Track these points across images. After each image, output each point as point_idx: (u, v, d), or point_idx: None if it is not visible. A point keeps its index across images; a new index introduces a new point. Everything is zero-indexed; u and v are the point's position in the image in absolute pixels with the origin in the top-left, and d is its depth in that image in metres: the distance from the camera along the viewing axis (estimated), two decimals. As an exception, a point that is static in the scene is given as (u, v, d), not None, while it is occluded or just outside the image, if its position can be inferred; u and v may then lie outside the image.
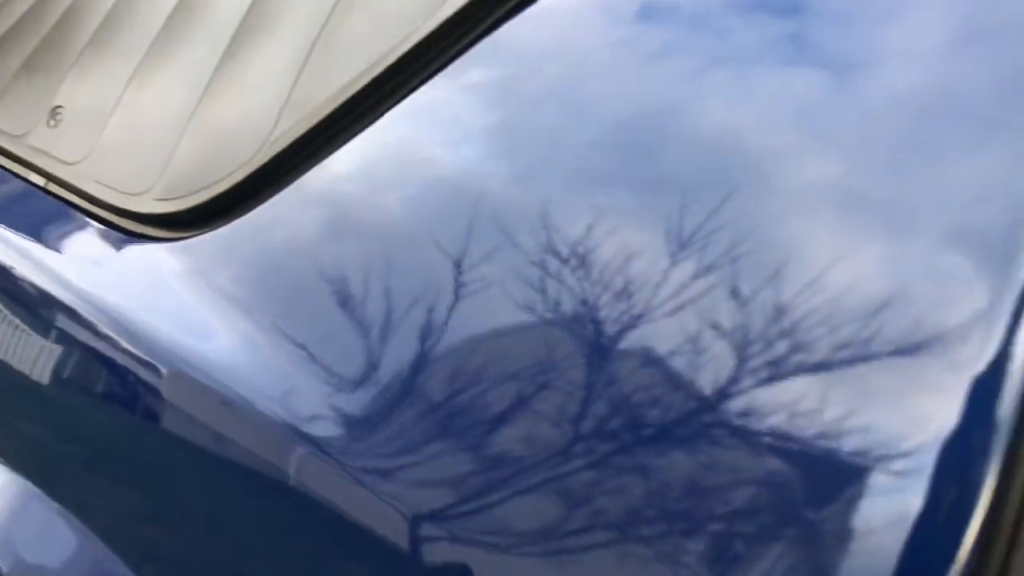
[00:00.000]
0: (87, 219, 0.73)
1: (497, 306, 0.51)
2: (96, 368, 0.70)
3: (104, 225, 0.71)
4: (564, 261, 0.51)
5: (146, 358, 0.64)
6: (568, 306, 0.49)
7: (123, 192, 0.71)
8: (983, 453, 0.38)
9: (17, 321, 0.75)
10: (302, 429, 0.56)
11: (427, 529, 0.50)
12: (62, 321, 0.71)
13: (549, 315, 0.49)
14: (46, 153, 0.78)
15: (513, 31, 0.59)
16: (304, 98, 0.66)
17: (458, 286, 0.54)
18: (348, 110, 0.63)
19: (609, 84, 0.55)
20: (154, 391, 0.64)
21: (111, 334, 0.66)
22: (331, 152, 0.63)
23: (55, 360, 0.71)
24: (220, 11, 0.74)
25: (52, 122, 0.82)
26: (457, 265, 0.54)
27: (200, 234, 0.67)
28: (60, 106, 0.82)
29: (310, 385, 0.57)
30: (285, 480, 0.56)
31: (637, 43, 0.56)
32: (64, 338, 0.70)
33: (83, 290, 0.69)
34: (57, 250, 0.74)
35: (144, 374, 0.65)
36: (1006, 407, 0.38)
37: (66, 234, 0.75)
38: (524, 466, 0.47)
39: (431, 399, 0.52)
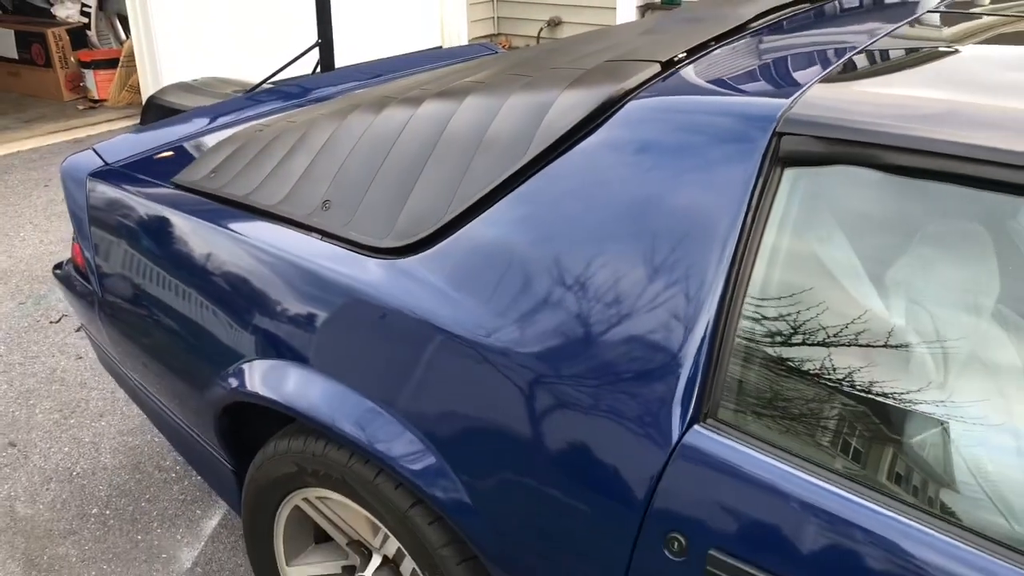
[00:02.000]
0: (358, 250, 1.45)
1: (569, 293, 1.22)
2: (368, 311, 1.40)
3: (366, 252, 1.44)
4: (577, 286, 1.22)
5: (398, 307, 1.36)
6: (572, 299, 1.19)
7: (371, 239, 1.44)
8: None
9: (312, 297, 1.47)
10: (481, 340, 1.26)
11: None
12: (346, 294, 1.43)
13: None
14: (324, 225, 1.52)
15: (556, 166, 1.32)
16: (461, 195, 1.39)
17: (553, 278, 1.25)
18: (477, 206, 1.36)
19: (608, 191, 1.27)
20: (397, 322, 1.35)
21: (377, 297, 1.38)
22: (469, 221, 1.36)
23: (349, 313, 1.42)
24: (419, 142, 1.49)
25: (325, 208, 1.56)
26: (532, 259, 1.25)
27: (412, 253, 1.39)
28: (328, 200, 1.57)
29: (488, 319, 1.27)
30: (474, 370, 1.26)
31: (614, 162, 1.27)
32: (353, 298, 1.42)
33: (363, 280, 1.41)
34: (348, 262, 1.46)
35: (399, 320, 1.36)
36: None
37: (349, 258, 1.47)
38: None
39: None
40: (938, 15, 1.67)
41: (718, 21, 1.64)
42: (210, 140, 2.06)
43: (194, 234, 1.69)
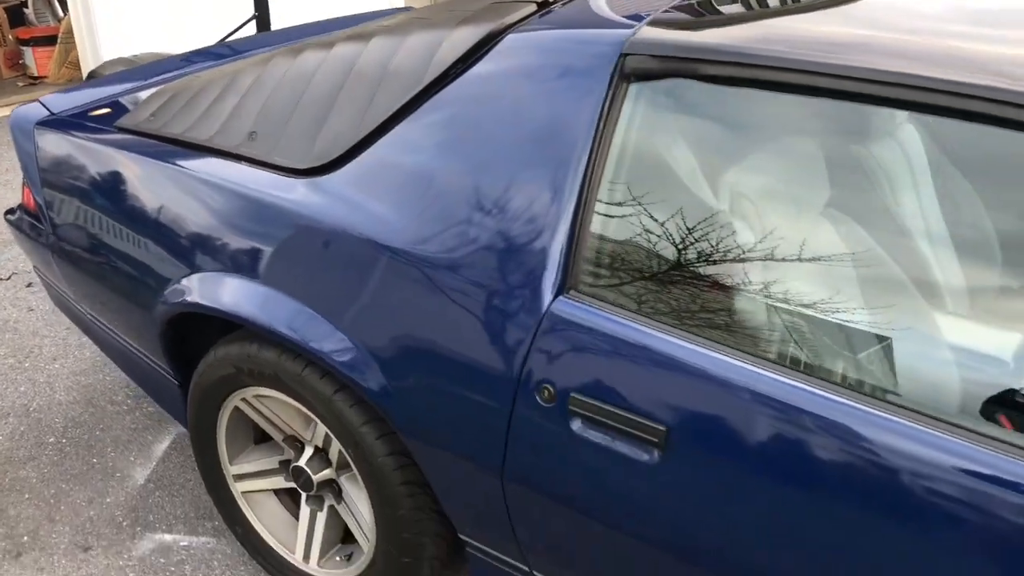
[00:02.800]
0: (280, 172, 1.66)
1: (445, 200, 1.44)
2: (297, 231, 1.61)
3: (287, 174, 1.65)
4: (487, 211, 1.44)
5: (316, 222, 1.57)
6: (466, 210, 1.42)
7: (293, 162, 1.65)
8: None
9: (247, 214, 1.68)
10: (381, 240, 1.48)
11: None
12: (272, 211, 1.64)
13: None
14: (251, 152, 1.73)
15: (452, 88, 1.54)
16: (367, 121, 1.60)
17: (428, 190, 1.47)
18: (380, 129, 1.57)
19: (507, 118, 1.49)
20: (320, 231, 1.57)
21: (298, 211, 1.59)
22: (374, 142, 1.57)
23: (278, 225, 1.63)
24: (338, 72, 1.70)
25: (251, 139, 1.76)
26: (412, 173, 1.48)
27: (331, 172, 1.60)
28: (254, 131, 1.77)
29: (397, 218, 1.49)
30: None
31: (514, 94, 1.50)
32: (280, 214, 1.63)
33: (286, 197, 1.62)
34: (272, 183, 1.66)
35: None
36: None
37: (273, 180, 1.67)
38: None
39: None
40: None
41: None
42: (144, 94, 2.24)
43: (138, 169, 1.88)
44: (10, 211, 2.33)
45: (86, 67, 5.66)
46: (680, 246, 1.34)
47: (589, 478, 1.35)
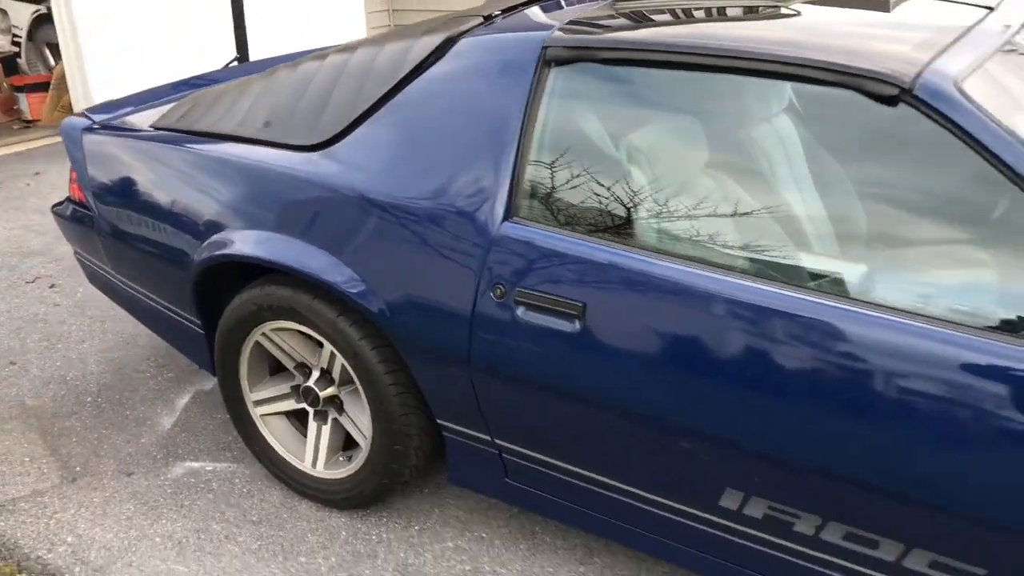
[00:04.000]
0: (291, 149, 2.15)
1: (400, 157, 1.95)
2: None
3: (296, 150, 2.14)
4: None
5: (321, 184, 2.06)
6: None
7: (300, 141, 2.14)
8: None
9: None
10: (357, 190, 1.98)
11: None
12: (286, 177, 2.12)
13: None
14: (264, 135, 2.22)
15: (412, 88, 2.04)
16: (356, 107, 2.10)
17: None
18: (366, 113, 2.07)
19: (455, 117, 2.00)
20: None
21: (306, 176, 2.08)
22: (362, 123, 2.07)
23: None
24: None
25: (267, 126, 2.25)
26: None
27: (330, 147, 2.10)
28: (269, 121, 2.26)
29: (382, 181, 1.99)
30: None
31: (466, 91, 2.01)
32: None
33: (296, 167, 2.11)
34: (285, 158, 2.15)
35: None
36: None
37: (285, 155, 2.16)
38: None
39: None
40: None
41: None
42: (162, 110, 2.72)
43: (177, 155, 2.36)
44: (57, 204, 2.79)
45: (78, 108, 6.12)
46: (590, 183, 1.85)
47: (532, 352, 1.84)
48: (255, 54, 4.96)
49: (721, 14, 1.99)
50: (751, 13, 2.00)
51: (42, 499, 2.46)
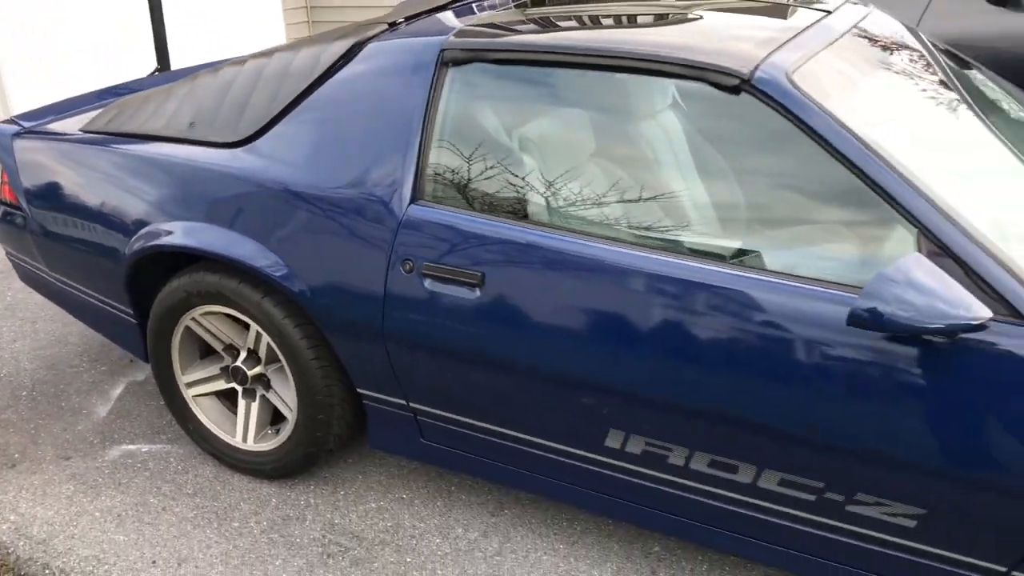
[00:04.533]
0: (214, 147, 2.34)
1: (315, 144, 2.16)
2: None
3: (219, 147, 2.32)
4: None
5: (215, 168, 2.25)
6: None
7: (223, 138, 2.33)
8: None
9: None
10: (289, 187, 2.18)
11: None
12: (210, 171, 2.31)
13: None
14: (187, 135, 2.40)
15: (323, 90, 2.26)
16: (272, 107, 2.30)
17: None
18: (282, 112, 2.28)
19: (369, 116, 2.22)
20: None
21: (228, 170, 2.27)
22: (279, 122, 2.27)
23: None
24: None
25: (191, 127, 2.43)
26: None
27: (247, 143, 2.29)
28: (193, 122, 2.44)
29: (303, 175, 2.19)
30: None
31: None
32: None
33: (219, 162, 2.29)
34: (209, 154, 2.33)
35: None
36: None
37: (209, 152, 2.34)
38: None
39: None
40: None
41: (430, 2, 2.62)
42: (89, 115, 2.86)
43: (106, 156, 2.52)
44: (-13, 207, 2.90)
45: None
46: (486, 168, 2.08)
47: (439, 319, 2.06)
48: (177, 63, 5.09)
49: (612, 20, 2.25)
50: (637, 18, 2.25)
51: (-17, 483, 2.59)
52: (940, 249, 1.64)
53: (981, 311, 1.52)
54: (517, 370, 2.01)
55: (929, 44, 2.44)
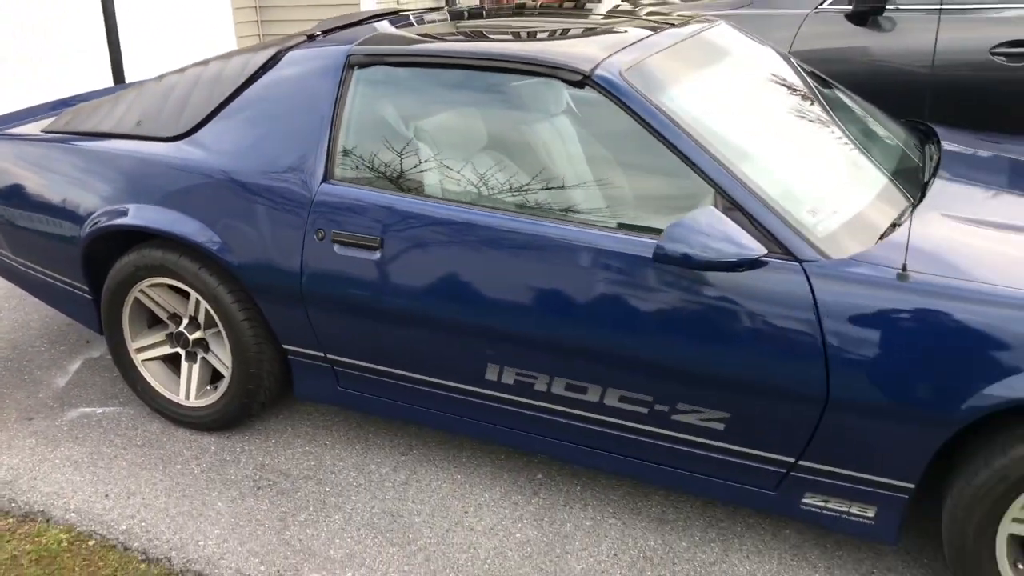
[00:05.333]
0: (158, 141, 2.72)
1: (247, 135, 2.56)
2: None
3: (163, 141, 2.71)
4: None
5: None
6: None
7: (165, 133, 2.72)
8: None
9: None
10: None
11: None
12: (156, 161, 2.69)
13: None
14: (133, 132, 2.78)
15: (253, 90, 2.66)
16: (207, 105, 2.69)
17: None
18: (216, 109, 2.67)
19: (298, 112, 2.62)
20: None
21: (171, 160, 2.66)
22: (213, 117, 2.67)
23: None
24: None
25: (139, 125, 2.82)
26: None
27: (187, 137, 2.68)
28: (140, 121, 2.82)
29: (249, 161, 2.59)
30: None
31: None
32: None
33: (163, 153, 2.68)
34: (154, 147, 2.72)
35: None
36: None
37: (154, 145, 2.73)
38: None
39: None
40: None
41: (346, 19, 3.04)
42: (47, 120, 3.23)
43: (66, 151, 2.88)
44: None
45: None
46: (384, 151, 2.49)
47: (347, 277, 2.45)
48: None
49: (501, 32, 2.68)
50: (523, 32, 2.68)
51: (-46, 440, 2.92)
52: (731, 204, 2.07)
53: (759, 248, 1.95)
54: (411, 318, 2.40)
55: (774, 52, 2.90)
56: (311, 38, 2.80)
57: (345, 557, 2.37)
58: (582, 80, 2.27)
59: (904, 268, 1.93)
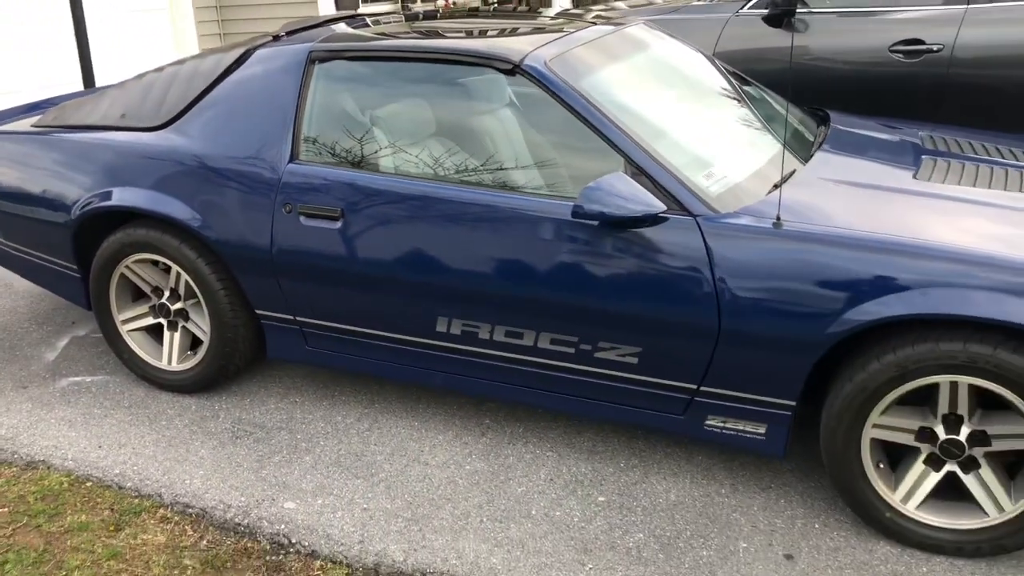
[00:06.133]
0: (141, 131, 3.04)
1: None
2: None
3: (145, 131, 3.03)
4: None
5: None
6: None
7: (147, 124, 3.04)
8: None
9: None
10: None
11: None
12: (140, 149, 3.01)
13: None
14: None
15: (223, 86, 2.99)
16: (184, 98, 3.02)
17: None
18: (192, 102, 3.00)
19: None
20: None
21: (153, 147, 2.98)
22: (190, 110, 2.99)
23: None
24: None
25: (123, 118, 3.13)
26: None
27: (166, 127, 3.00)
28: (124, 114, 3.14)
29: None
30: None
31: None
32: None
33: (146, 142, 2.99)
34: (137, 136, 3.03)
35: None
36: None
37: (138, 135, 3.05)
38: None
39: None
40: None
41: (308, 21, 3.37)
42: (28, 120, 3.52)
43: (55, 142, 3.19)
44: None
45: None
46: (342, 135, 2.82)
47: (311, 245, 2.78)
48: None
49: (452, 30, 3.03)
50: (470, 30, 3.03)
51: (-43, 406, 3.20)
52: (638, 170, 2.44)
53: (660, 205, 2.31)
54: (369, 279, 2.74)
55: (687, 47, 3.28)
56: (276, 38, 3.13)
57: (316, 488, 2.69)
58: (513, 68, 2.63)
59: (778, 218, 2.31)
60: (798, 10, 4.57)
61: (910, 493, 2.33)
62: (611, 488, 2.65)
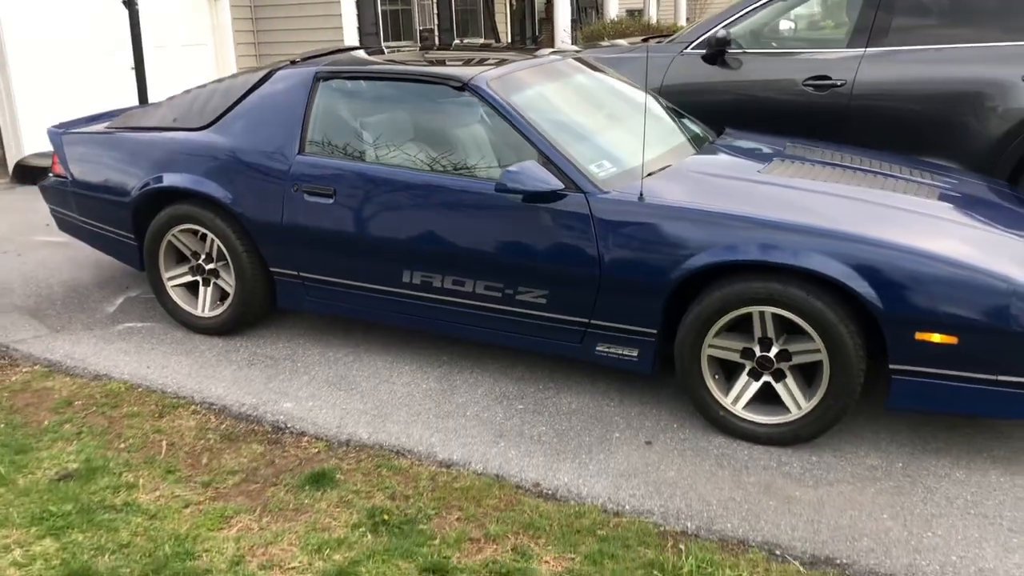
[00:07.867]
0: (189, 131, 3.97)
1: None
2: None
3: (193, 131, 3.96)
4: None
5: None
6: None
7: (192, 126, 3.97)
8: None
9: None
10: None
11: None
12: (190, 145, 3.93)
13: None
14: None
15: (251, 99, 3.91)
16: (223, 106, 3.94)
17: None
18: (228, 109, 3.92)
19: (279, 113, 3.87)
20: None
21: (199, 143, 3.90)
22: (225, 115, 3.92)
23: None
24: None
25: (175, 122, 4.06)
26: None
27: (208, 128, 3.93)
28: (176, 118, 4.07)
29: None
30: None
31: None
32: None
33: (194, 140, 3.92)
34: (187, 135, 3.96)
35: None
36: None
37: (187, 134, 3.97)
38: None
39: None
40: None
41: (320, 51, 4.29)
42: (105, 122, 4.46)
43: (124, 140, 4.12)
44: (42, 182, 4.47)
45: (11, 158, 7.66)
46: (338, 134, 3.72)
47: (313, 216, 3.66)
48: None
49: (429, 58, 3.93)
50: (452, 58, 3.93)
51: (39, 338, 4.10)
52: (546, 160, 3.31)
53: (559, 184, 3.18)
54: (353, 241, 3.61)
55: (611, 76, 4.16)
56: (293, 63, 4.06)
57: (308, 396, 3.55)
58: (463, 86, 3.52)
59: (640, 196, 3.16)
60: (729, 50, 5.43)
61: (737, 397, 3.15)
62: (529, 400, 3.48)
